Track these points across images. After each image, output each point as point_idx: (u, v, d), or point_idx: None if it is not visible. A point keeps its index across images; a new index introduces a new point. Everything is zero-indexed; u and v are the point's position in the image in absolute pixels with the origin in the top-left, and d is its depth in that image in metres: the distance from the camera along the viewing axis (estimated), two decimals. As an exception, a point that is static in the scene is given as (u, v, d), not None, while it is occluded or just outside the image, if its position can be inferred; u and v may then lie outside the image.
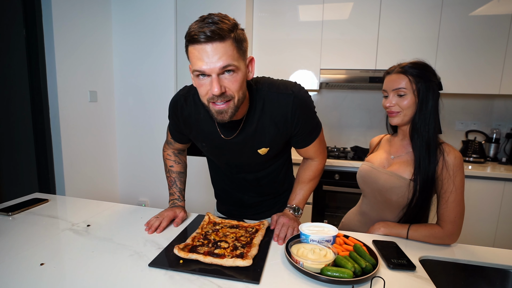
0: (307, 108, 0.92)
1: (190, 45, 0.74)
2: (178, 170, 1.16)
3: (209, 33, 0.69)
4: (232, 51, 0.73)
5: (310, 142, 0.99)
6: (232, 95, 0.77)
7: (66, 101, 2.08)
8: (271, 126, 0.91)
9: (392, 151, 1.05)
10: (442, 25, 2.15)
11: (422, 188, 0.92)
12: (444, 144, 0.94)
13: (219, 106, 0.77)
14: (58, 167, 2.09)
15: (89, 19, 2.23)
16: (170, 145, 1.15)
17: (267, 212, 1.15)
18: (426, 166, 0.91)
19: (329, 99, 2.69)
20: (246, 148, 0.95)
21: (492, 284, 0.85)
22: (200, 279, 0.71)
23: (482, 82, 2.15)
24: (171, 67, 2.36)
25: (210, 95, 0.76)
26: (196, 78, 0.77)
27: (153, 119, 2.47)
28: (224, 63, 0.72)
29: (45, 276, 0.70)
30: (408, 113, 0.96)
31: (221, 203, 1.25)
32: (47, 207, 1.16)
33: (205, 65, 0.72)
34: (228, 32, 0.72)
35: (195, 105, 0.94)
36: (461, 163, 0.91)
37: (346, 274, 0.69)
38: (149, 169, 2.54)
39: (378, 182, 1.01)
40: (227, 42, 0.72)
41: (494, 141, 2.36)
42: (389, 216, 1.03)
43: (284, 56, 2.39)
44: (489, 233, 2.05)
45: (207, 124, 0.94)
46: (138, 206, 1.21)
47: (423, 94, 0.93)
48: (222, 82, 0.75)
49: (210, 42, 0.71)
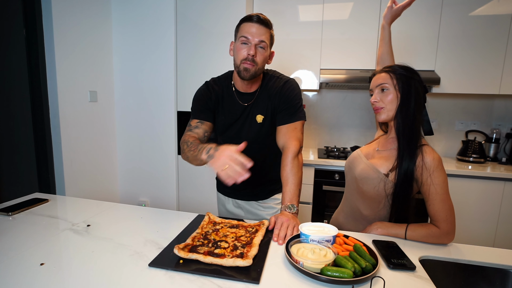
0: (294, 91, 1.17)
1: (245, 22, 1.09)
2: (198, 143, 1.09)
3: (261, 18, 1.07)
4: (268, 37, 1.10)
5: (289, 121, 1.16)
6: (257, 62, 1.08)
7: (66, 101, 2.08)
8: (266, 99, 1.19)
9: (380, 144, 1.10)
10: (442, 25, 2.15)
11: (400, 183, 0.95)
12: (425, 146, 0.96)
13: (247, 65, 1.08)
14: (58, 167, 2.09)
15: (89, 19, 2.23)
16: (195, 130, 1.17)
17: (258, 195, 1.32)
18: (405, 162, 0.94)
19: (329, 99, 2.69)
20: (250, 116, 1.19)
21: (492, 284, 0.85)
22: (200, 279, 0.71)
23: (482, 82, 2.15)
24: (171, 67, 2.36)
25: (245, 55, 1.07)
26: (238, 44, 1.09)
27: (153, 119, 2.47)
28: (261, 39, 1.07)
29: (45, 276, 0.70)
30: (392, 108, 0.99)
31: (220, 183, 1.37)
32: (47, 207, 1.16)
33: (251, 35, 1.06)
34: (270, 24, 1.11)
35: (220, 87, 1.24)
36: (440, 163, 0.93)
37: (346, 274, 0.69)
38: (149, 169, 2.54)
39: (356, 170, 1.06)
40: (267, 29, 1.09)
41: (494, 141, 2.36)
42: (365, 210, 1.05)
43: (284, 56, 2.39)
44: (489, 233, 2.05)
45: (229, 98, 1.22)
46: (138, 206, 1.21)
47: (404, 90, 0.97)
48: (256, 50, 1.07)
49: (259, 24, 1.07)
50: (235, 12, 2.18)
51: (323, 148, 2.66)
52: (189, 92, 2.34)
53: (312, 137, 2.76)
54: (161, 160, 2.49)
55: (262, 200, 1.34)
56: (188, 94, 2.35)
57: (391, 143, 1.04)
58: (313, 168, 2.20)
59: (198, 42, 2.28)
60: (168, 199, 2.51)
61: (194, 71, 2.33)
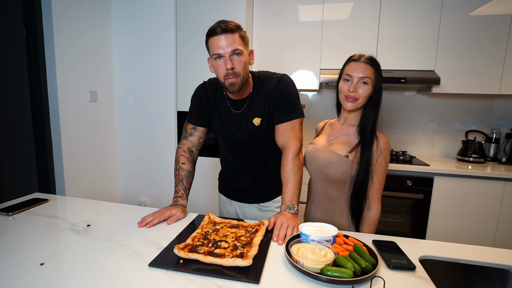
0: (289, 87, 1.15)
1: (210, 38, 1.03)
2: (188, 169, 1.23)
3: (224, 27, 1.00)
4: (239, 41, 1.03)
5: (288, 119, 1.14)
6: (239, 72, 1.05)
7: (66, 101, 2.08)
8: (262, 100, 1.16)
9: (332, 133, 1.18)
10: (442, 25, 2.15)
11: (364, 166, 1.06)
12: (377, 131, 1.09)
13: (231, 79, 1.05)
14: (58, 167, 2.09)
15: (89, 19, 2.23)
16: (189, 138, 1.27)
17: (261, 198, 1.31)
18: (367, 147, 1.06)
19: (329, 99, 2.69)
20: (245, 121, 1.17)
21: (492, 284, 0.85)
22: (200, 279, 0.71)
23: (482, 82, 2.15)
24: (171, 67, 2.36)
25: (225, 71, 1.04)
26: (214, 61, 1.06)
27: (153, 119, 2.47)
28: (233, 48, 1.02)
29: (45, 276, 0.70)
30: (363, 101, 1.08)
31: (222, 184, 1.41)
32: (47, 207, 1.16)
33: (221, 49, 1.01)
34: (235, 28, 1.03)
35: (214, 90, 1.23)
36: (388, 146, 1.07)
37: (346, 274, 0.69)
38: (149, 169, 2.54)
39: (318, 160, 1.13)
40: (235, 34, 1.02)
41: (494, 141, 2.36)
42: (332, 193, 1.13)
43: (284, 56, 2.39)
44: (489, 233, 2.05)
45: (221, 103, 1.21)
46: (138, 206, 1.21)
47: (378, 86, 1.07)
48: (232, 61, 1.03)
49: (224, 34, 1.01)
50: (235, 12, 2.18)
51: (323, 148, 2.66)
52: (189, 92, 2.34)
53: (312, 137, 2.75)
54: (161, 160, 2.49)
55: (265, 202, 1.32)
56: (188, 94, 2.35)
57: (344, 130, 1.15)
58: (313, 168, 2.20)
59: (198, 42, 2.28)
60: (168, 199, 2.51)
61: (194, 71, 2.33)
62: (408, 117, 2.56)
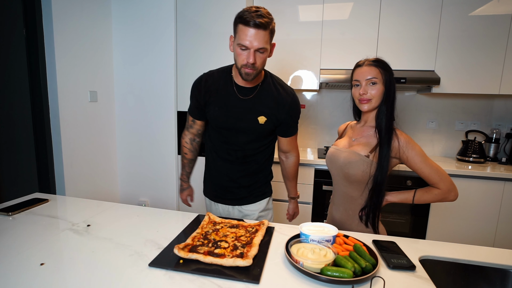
0: (298, 109, 1.27)
1: (241, 24, 1.03)
2: (190, 158, 1.44)
3: (258, 23, 1.00)
4: (267, 39, 1.05)
5: (290, 134, 1.30)
6: (257, 67, 1.08)
7: (66, 101, 2.08)
8: (271, 98, 1.19)
9: (353, 135, 1.20)
10: (442, 25, 2.15)
11: (382, 164, 1.06)
12: (396, 129, 1.09)
13: (248, 70, 1.08)
14: (58, 167, 2.09)
15: (89, 19, 2.22)
16: (190, 129, 1.37)
17: (244, 199, 1.33)
18: (384, 143, 1.06)
19: (329, 99, 2.69)
20: (250, 113, 1.19)
21: (492, 284, 0.85)
22: (200, 279, 0.71)
23: (482, 82, 2.15)
24: (171, 67, 2.36)
25: (245, 62, 1.06)
26: (237, 48, 1.07)
27: (153, 119, 2.47)
28: (260, 46, 1.04)
29: (45, 276, 0.70)
30: (377, 100, 1.09)
31: (207, 183, 1.45)
32: (47, 207, 1.16)
33: (249, 43, 1.03)
34: (268, 24, 1.03)
35: (216, 78, 1.25)
36: (411, 139, 1.07)
37: (346, 274, 0.69)
38: (149, 169, 2.54)
39: (340, 159, 1.15)
40: (266, 31, 1.03)
41: (494, 141, 2.36)
42: (352, 193, 1.14)
43: (284, 56, 2.39)
44: (489, 233, 2.05)
45: (226, 89, 1.21)
46: (138, 206, 1.21)
47: (388, 84, 1.08)
48: (255, 56, 1.05)
49: (256, 29, 1.01)
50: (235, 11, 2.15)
51: (323, 148, 2.66)
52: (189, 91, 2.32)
53: (312, 137, 2.76)
54: (161, 160, 2.49)
55: (247, 204, 1.33)
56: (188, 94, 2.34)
57: (365, 131, 1.16)
58: (313, 168, 2.20)
59: (198, 42, 2.28)
60: (168, 199, 2.51)
61: (194, 70, 2.33)
62: (408, 117, 2.56)
